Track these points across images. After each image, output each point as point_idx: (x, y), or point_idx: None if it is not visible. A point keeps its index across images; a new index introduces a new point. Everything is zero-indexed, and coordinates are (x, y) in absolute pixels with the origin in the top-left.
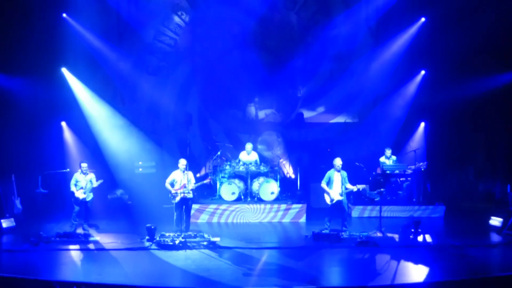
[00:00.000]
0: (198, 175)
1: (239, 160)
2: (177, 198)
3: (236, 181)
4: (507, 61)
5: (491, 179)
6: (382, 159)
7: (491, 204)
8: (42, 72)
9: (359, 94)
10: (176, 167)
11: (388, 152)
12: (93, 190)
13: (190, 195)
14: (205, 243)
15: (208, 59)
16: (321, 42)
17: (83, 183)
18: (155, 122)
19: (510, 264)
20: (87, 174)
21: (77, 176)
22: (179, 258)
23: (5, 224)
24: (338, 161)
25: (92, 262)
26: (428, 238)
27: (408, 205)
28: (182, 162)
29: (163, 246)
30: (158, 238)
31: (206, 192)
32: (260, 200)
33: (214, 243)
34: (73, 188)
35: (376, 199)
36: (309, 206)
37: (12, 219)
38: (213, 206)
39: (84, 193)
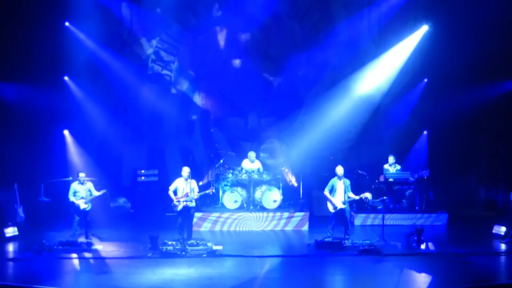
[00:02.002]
0: (200, 183)
1: (242, 168)
2: (180, 207)
3: (239, 189)
4: (509, 69)
5: (494, 187)
6: (386, 166)
7: (493, 212)
8: (45, 81)
9: (361, 102)
10: (179, 175)
11: (391, 159)
12: (95, 198)
13: (193, 204)
14: (207, 251)
15: (211, 67)
16: (323, 50)
17: (82, 193)
18: (158, 130)
19: None
20: (85, 183)
21: (75, 186)
22: (182, 266)
23: (8, 232)
24: (339, 169)
25: (94, 271)
26: (431, 246)
27: (410, 213)
28: (186, 170)
29: (166, 255)
30: (160, 247)
31: (209, 200)
32: (263, 208)
33: (216, 251)
34: (72, 198)
35: (378, 207)
36: (312, 214)
37: (15, 228)
38: (216, 214)
39: (85, 203)
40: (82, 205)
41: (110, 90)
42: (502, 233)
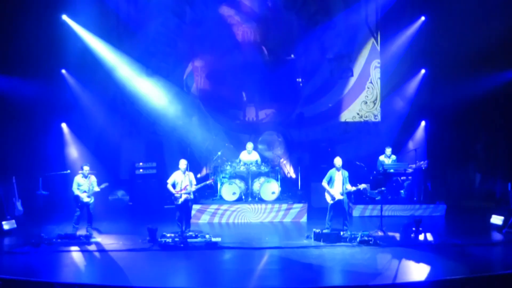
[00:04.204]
0: (199, 175)
1: (240, 160)
2: (180, 200)
3: (237, 181)
4: (507, 60)
5: (492, 177)
6: (382, 157)
7: (492, 203)
8: (42, 74)
9: (359, 93)
10: (177, 168)
11: (388, 150)
12: (94, 192)
13: (191, 196)
14: (206, 243)
15: (208, 60)
16: (321, 41)
17: (85, 186)
18: (155, 123)
19: (511, 262)
20: (88, 177)
21: (79, 179)
22: (180, 258)
23: (6, 226)
24: (338, 161)
25: (93, 264)
26: (429, 237)
27: (409, 204)
28: (183, 163)
29: (164, 247)
30: (159, 239)
31: (207, 193)
32: (261, 200)
33: (215, 243)
34: (77, 192)
35: (377, 198)
36: (310, 205)
37: (13, 221)
38: (214, 206)
39: (88, 196)
40: (85, 198)
41: (107, 83)
42: (500, 224)
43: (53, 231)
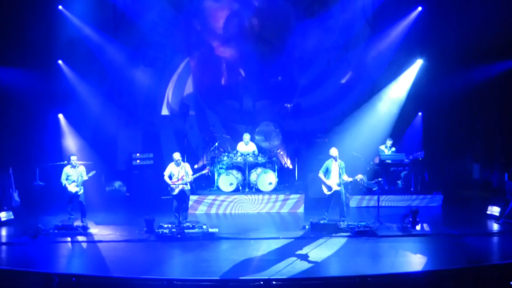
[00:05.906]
0: (196, 166)
1: (237, 151)
2: (176, 191)
3: (234, 172)
4: (504, 50)
5: (489, 168)
6: (382, 147)
7: (488, 193)
8: (39, 65)
9: (356, 83)
10: (172, 160)
11: (389, 142)
12: (90, 182)
13: (188, 187)
14: (203, 234)
15: (205, 50)
16: (317, 32)
17: (74, 176)
18: (152, 113)
19: (508, 252)
20: (77, 167)
21: (67, 170)
22: (178, 249)
23: (3, 217)
24: (334, 151)
25: (90, 254)
26: (426, 227)
27: (406, 195)
28: (176, 156)
29: (162, 238)
30: (156, 230)
31: (204, 183)
32: (258, 191)
33: (212, 234)
34: (65, 183)
35: (374, 189)
36: (307, 196)
37: (10, 212)
38: (211, 197)
39: (77, 186)
40: (74, 188)
41: (104, 74)
42: (497, 214)
43: (50, 222)
